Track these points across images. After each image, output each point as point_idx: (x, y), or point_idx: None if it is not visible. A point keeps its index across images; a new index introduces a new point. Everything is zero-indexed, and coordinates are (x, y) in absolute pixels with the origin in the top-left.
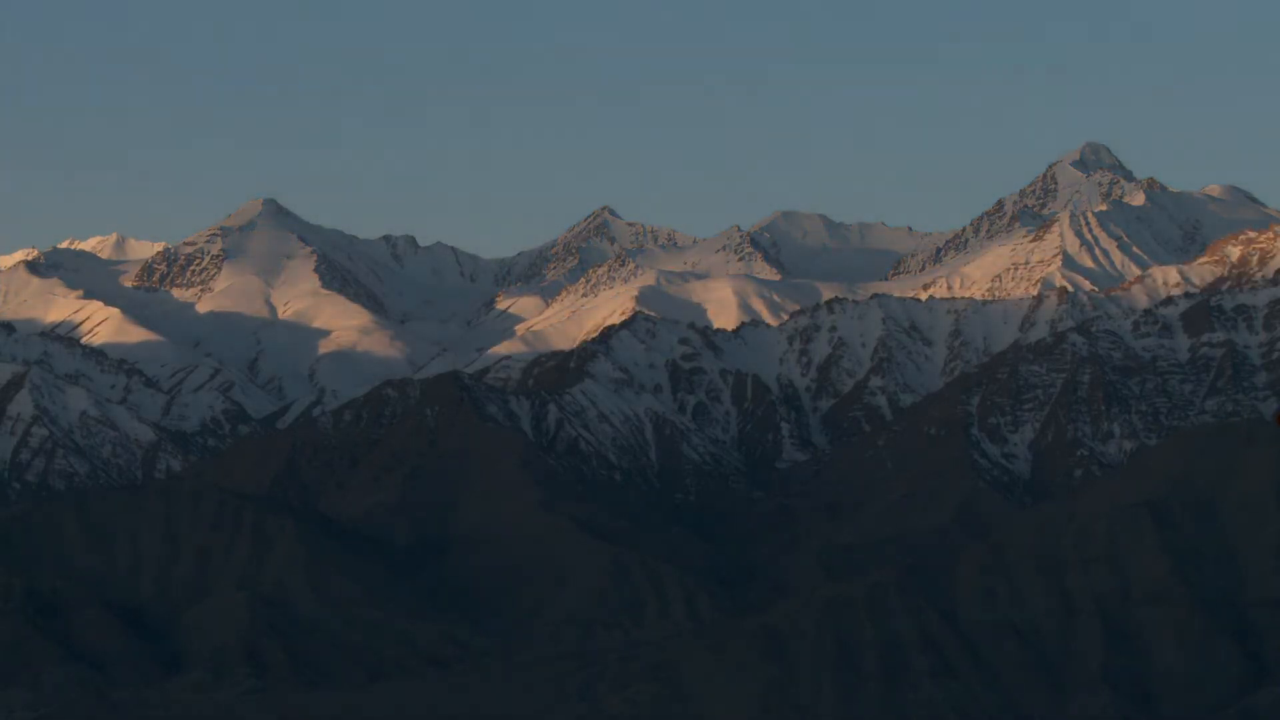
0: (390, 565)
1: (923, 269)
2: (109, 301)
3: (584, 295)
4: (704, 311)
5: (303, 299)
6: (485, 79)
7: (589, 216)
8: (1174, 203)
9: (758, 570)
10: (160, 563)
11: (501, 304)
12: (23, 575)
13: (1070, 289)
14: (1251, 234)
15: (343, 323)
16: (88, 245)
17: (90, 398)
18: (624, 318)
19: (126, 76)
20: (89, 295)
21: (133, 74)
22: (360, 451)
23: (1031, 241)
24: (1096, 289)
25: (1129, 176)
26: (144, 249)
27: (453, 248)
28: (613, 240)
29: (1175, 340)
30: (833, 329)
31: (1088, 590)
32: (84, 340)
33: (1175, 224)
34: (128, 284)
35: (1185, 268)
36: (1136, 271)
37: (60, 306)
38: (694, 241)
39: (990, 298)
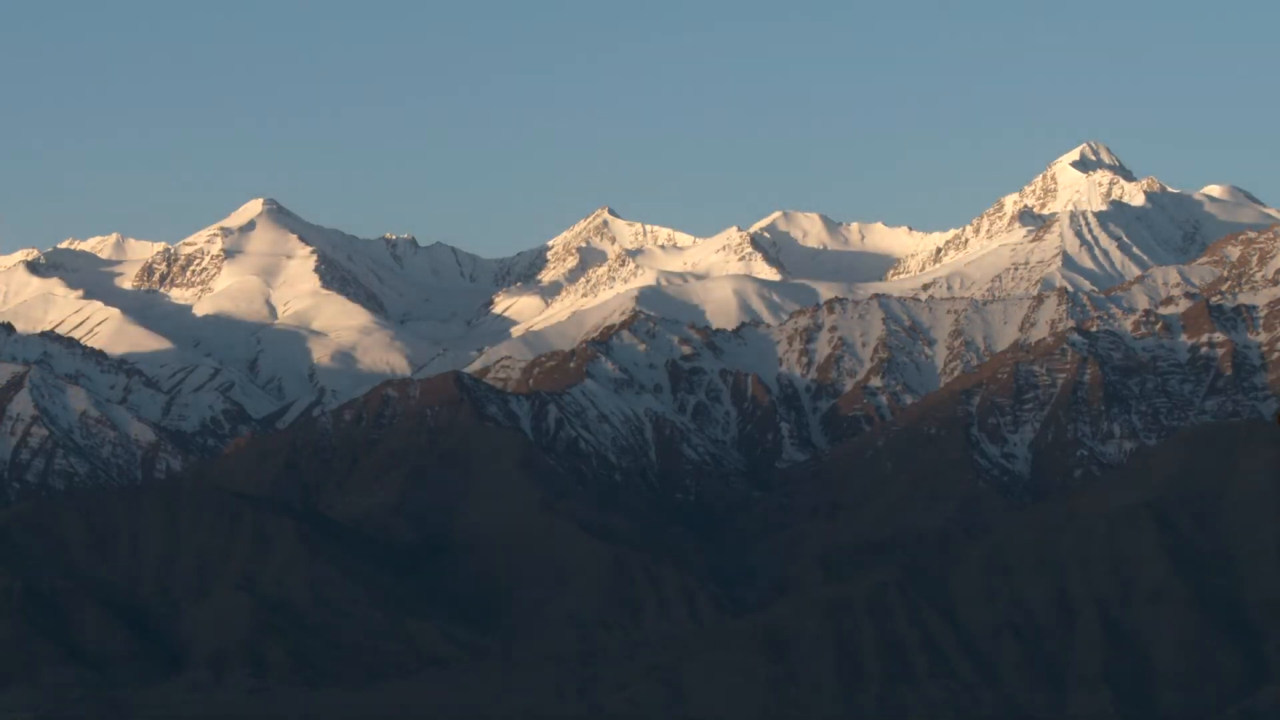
0: (390, 565)
1: (922, 269)
2: (109, 302)
3: (584, 295)
4: (704, 311)
5: (303, 299)
6: (485, 79)
7: (589, 216)
8: (1174, 203)
9: (758, 570)
10: (160, 563)
11: (501, 304)
12: (23, 575)
13: (1070, 289)
14: (1251, 234)
15: (343, 323)
16: (88, 245)
17: (90, 398)
18: (624, 318)
19: (126, 76)
20: (89, 295)
21: (132, 74)
22: (360, 451)
23: (1031, 241)
24: (1096, 289)
25: (1129, 176)
26: (144, 249)
27: (453, 248)
28: (613, 240)
29: (1175, 340)
30: (833, 329)
31: (1088, 590)
32: (84, 340)
33: (1175, 224)
34: (127, 284)
35: (1185, 268)
36: (1136, 272)
37: (60, 306)
38: (694, 241)
39: (990, 298)
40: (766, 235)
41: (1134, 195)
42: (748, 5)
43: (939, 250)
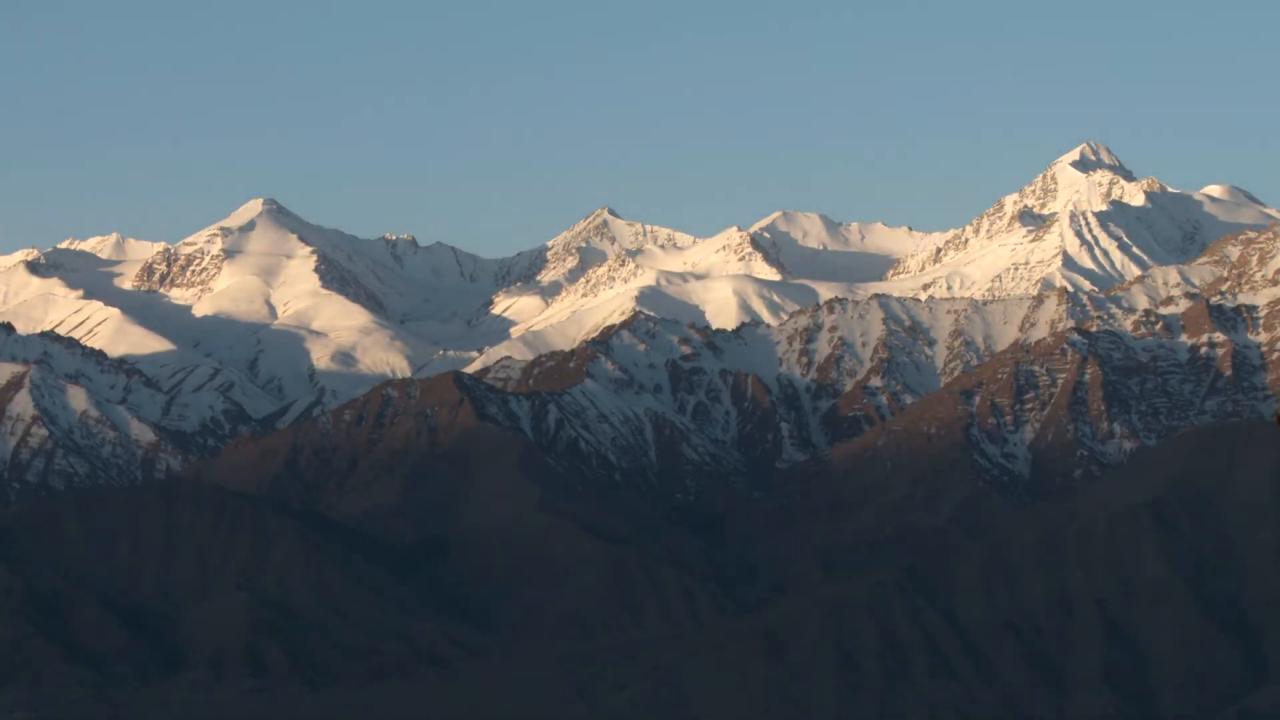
0: (390, 565)
1: (922, 269)
2: (109, 302)
3: (584, 295)
4: (704, 312)
5: (303, 299)
6: (485, 78)
7: (589, 216)
8: (1174, 203)
9: (758, 570)
10: (160, 563)
11: (501, 304)
12: (23, 575)
13: (1070, 289)
14: (1251, 234)
15: (343, 323)
16: (88, 245)
17: (90, 398)
18: (624, 318)
19: (126, 76)
20: (89, 295)
21: (133, 74)
22: (360, 451)
23: (1031, 241)
24: (1096, 289)
25: (1129, 176)
26: (144, 249)
27: (453, 248)
28: (613, 240)
29: (1175, 340)
30: (833, 329)
31: (1088, 590)
32: (84, 340)
33: (1175, 224)
34: (127, 284)
35: (1185, 268)
36: (1136, 272)
37: (60, 306)
38: (694, 241)
39: (990, 298)
40: (766, 235)
41: (1134, 195)
42: (748, 5)
43: (939, 250)
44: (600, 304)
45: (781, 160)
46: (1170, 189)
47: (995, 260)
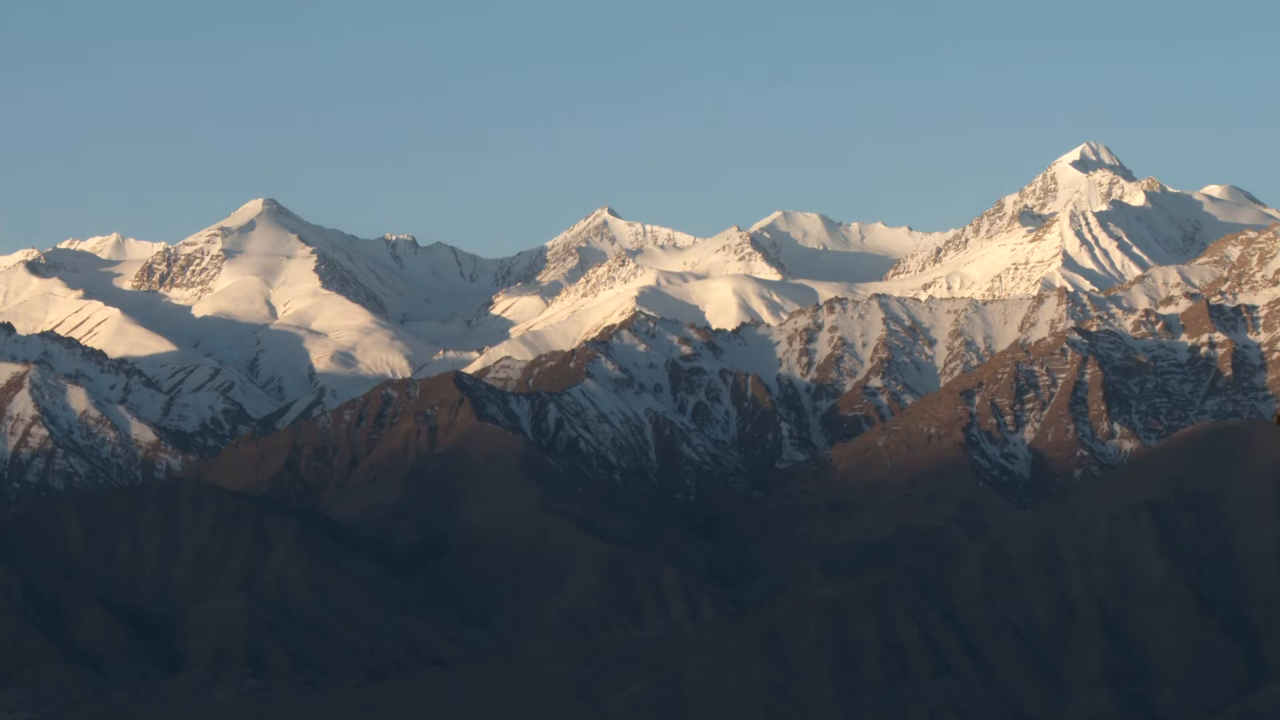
0: (390, 565)
1: (923, 269)
2: (109, 302)
3: (584, 295)
4: (704, 312)
5: (303, 299)
6: (485, 78)
7: (589, 216)
8: (1174, 203)
9: (758, 570)
10: (160, 563)
11: (501, 304)
12: (23, 575)
13: (1070, 289)
14: (1251, 234)
15: (343, 323)
16: (88, 245)
17: (90, 398)
18: (624, 318)
19: (126, 76)
20: (89, 295)
21: (133, 74)
22: (360, 451)
23: (1031, 241)
24: (1096, 289)
25: (1129, 176)
26: (144, 249)
27: (453, 248)
28: (613, 240)
29: (1175, 340)
30: (833, 329)
31: (1088, 590)
32: (84, 340)
33: (1175, 224)
34: (127, 284)
35: (1185, 268)
36: (1136, 272)
37: (60, 306)
38: (694, 241)
39: (990, 298)
40: (766, 235)
41: (1134, 195)
42: (748, 6)
43: (939, 250)
44: (600, 304)
45: (781, 160)
46: (1170, 189)
47: (995, 260)
